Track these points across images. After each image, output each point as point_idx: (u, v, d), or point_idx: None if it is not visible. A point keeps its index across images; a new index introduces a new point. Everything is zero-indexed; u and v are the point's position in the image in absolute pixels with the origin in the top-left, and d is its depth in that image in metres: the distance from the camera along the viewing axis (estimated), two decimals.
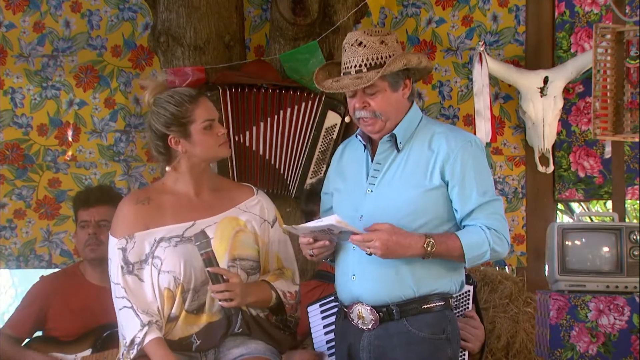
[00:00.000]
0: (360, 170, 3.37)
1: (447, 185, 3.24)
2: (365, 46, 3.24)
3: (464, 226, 3.25)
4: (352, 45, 3.26)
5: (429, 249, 3.17)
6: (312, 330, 3.88)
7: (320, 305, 3.86)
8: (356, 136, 3.41)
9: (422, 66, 3.32)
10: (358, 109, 3.28)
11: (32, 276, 4.80)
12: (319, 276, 4.16)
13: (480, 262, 3.25)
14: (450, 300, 3.31)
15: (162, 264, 3.43)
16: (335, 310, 3.76)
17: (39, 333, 4.33)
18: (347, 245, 3.31)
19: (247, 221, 3.53)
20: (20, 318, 4.29)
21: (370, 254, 3.17)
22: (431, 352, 3.24)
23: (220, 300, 3.40)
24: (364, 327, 3.28)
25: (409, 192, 3.25)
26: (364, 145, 3.37)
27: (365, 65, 3.23)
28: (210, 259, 3.39)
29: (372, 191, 3.30)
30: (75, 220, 4.36)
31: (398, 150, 3.30)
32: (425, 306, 3.25)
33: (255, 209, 3.57)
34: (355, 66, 3.25)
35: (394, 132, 3.30)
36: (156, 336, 3.39)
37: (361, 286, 3.27)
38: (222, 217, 3.49)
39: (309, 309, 3.90)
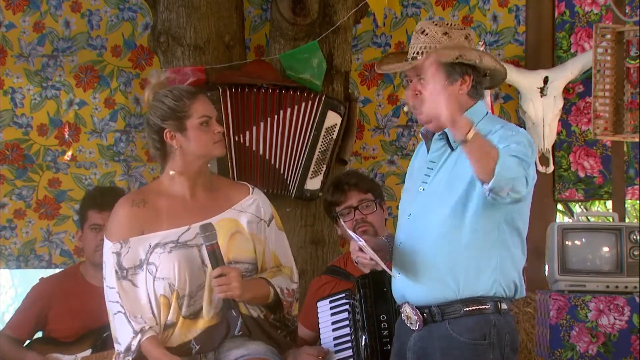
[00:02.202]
0: (421, 169, 3.30)
1: None
2: (427, 34, 3.19)
3: None
4: (416, 32, 3.22)
5: (470, 133, 2.92)
6: (320, 326, 3.87)
7: (330, 302, 3.85)
8: (420, 133, 3.36)
9: (485, 65, 3.20)
10: (411, 97, 3.22)
11: (32, 276, 4.80)
12: (331, 272, 4.15)
13: (505, 182, 2.94)
14: (500, 303, 3.17)
15: (157, 270, 3.41)
16: (345, 307, 3.77)
17: (39, 334, 4.32)
18: (396, 242, 3.28)
19: (243, 222, 3.52)
20: (21, 319, 4.28)
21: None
22: (471, 359, 3.15)
23: (218, 293, 3.37)
24: (413, 328, 3.23)
25: (453, 192, 3.17)
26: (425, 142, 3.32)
27: (422, 53, 3.18)
28: (215, 251, 3.35)
29: (423, 189, 3.24)
30: (81, 221, 4.33)
31: (452, 149, 3.21)
32: (467, 309, 3.15)
33: (251, 209, 3.55)
34: (413, 53, 3.21)
35: (446, 130, 3.20)
36: (149, 335, 3.38)
37: (404, 285, 3.23)
38: (217, 219, 3.47)
39: (319, 304, 3.89)
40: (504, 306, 3.20)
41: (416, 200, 3.25)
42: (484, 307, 3.16)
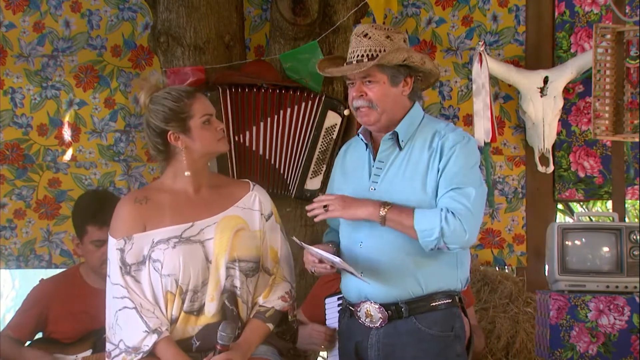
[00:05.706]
0: (362, 169, 3.38)
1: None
2: (370, 38, 3.30)
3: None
4: (358, 36, 3.33)
5: (382, 210, 3.19)
6: (327, 322, 3.92)
7: (339, 299, 3.88)
8: (358, 135, 3.42)
9: (426, 67, 3.33)
10: (355, 98, 3.32)
11: (33, 277, 4.80)
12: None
13: (431, 242, 3.20)
14: (456, 297, 3.32)
15: (162, 267, 3.42)
16: None
17: (39, 335, 4.32)
18: (354, 244, 3.33)
19: (246, 218, 3.53)
20: (21, 321, 4.28)
21: (326, 210, 3.25)
22: (441, 349, 3.26)
23: None
24: (372, 326, 3.28)
25: (409, 191, 3.26)
26: (365, 144, 3.38)
27: (367, 55, 3.28)
28: (221, 351, 3.37)
29: (375, 189, 3.31)
30: (79, 230, 4.26)
31: (400, 149, 3.31)
32: (433, 304, 3.26)
33: (254, 205, 3.57)
34: (358, 56, 3.30)
35: (396, 130, 3.32)
36: (164, 336, 3.38)
37: (369, 284, 3.27)
38: (221, 217, 3.49)
39: (327, 300, 3.93)
40: (457, 300, 3.33)
41: None
42: (447, 301, 3.28)
